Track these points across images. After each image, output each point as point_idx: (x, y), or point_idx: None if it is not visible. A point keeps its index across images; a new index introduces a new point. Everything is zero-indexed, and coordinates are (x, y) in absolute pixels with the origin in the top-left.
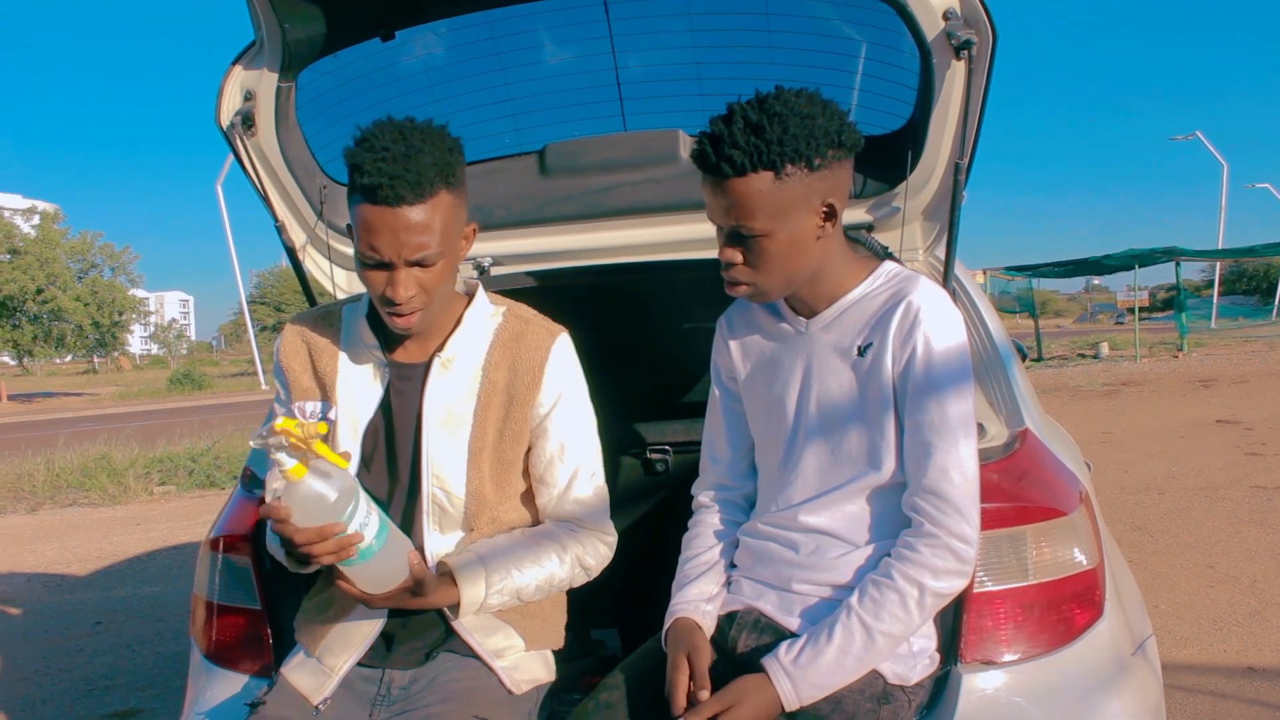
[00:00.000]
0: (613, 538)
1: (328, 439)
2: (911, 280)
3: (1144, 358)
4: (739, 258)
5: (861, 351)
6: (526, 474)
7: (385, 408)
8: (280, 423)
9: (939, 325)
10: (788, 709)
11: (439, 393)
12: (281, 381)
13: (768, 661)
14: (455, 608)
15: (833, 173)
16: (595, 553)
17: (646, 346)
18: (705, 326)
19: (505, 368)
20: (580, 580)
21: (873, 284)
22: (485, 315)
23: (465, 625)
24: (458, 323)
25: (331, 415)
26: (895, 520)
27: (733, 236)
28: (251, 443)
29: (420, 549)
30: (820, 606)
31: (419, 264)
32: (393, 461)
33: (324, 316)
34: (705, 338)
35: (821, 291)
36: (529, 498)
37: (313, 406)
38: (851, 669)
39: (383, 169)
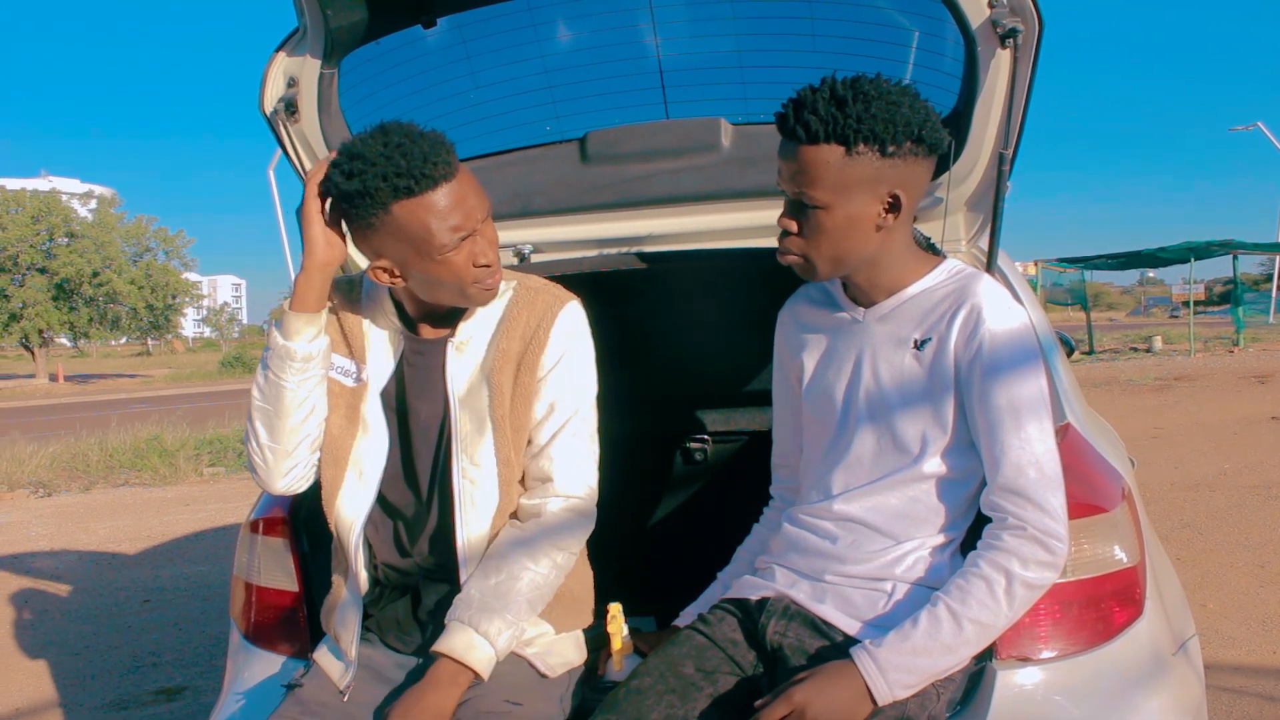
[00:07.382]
0: (583, 500)
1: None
2: (974, 278)
3: (1198, 352)
4: (795, 227)
5: (919, 345)
6: None
7: (399, 378)
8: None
9: (1002, 324)
10: (878, 699)
11: (460, 370)
12: None
13: (854, 649)
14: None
15: (907, 165)
16: (566, 527)
17: (683, 336)
18: (743, 316)
19: (517, 336)
20: (568, 563)
21: (934, 279)
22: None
23: None
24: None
25: (364, 375)
26: (937, 518)
27: (794, 204)
28: None
29: (450, 528)
30: (852, 597)
31: (485, 221)
32: (406, 435)
33: (346, 283)
34: (742, 328)
35: (881, 282)
36: None
37: (344, 363)
38: (940, 655)
39: (417, 155)
